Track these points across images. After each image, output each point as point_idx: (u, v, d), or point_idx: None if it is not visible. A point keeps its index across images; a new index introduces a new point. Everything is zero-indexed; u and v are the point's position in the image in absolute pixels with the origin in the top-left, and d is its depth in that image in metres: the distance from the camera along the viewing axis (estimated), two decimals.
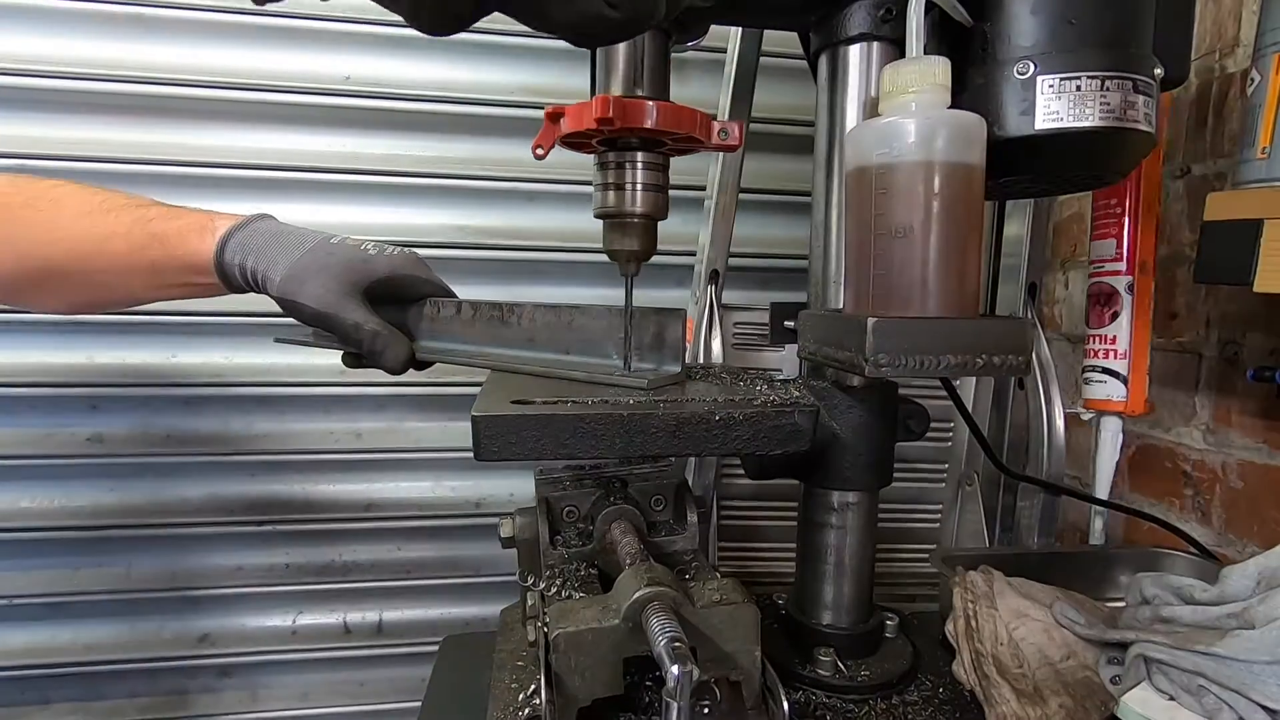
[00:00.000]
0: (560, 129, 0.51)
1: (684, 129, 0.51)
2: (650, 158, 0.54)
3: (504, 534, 0.63)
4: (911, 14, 0.47)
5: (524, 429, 0.47)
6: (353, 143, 0.98)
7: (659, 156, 0.54)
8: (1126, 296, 0.77)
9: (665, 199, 0.56)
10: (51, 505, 0.99)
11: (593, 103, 0.48)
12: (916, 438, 0.61)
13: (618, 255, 0.56)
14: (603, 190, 0.55)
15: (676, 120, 0.50)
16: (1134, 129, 0.50)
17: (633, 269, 0.57)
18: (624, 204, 0.54)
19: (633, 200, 0.54)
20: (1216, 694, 0.47)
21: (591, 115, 0.48)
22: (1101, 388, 0.79)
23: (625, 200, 0.54)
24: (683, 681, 0.38)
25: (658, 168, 0.54)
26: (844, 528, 0.60)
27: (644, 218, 0.55)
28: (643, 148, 0.53)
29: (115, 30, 0.91)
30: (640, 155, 0.53)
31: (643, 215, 0.55)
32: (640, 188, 0.54)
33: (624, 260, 0.57)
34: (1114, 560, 0.78)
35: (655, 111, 0.50)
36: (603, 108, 0.47)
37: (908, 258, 0.46)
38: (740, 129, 0.54)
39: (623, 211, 0.54)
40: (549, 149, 0.52)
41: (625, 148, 0.53)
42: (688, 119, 0.51)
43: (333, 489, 1.05)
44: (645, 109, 0.49)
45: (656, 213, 0.55)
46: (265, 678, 1.08)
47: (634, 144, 0.53)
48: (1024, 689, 0.55)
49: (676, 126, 0.50)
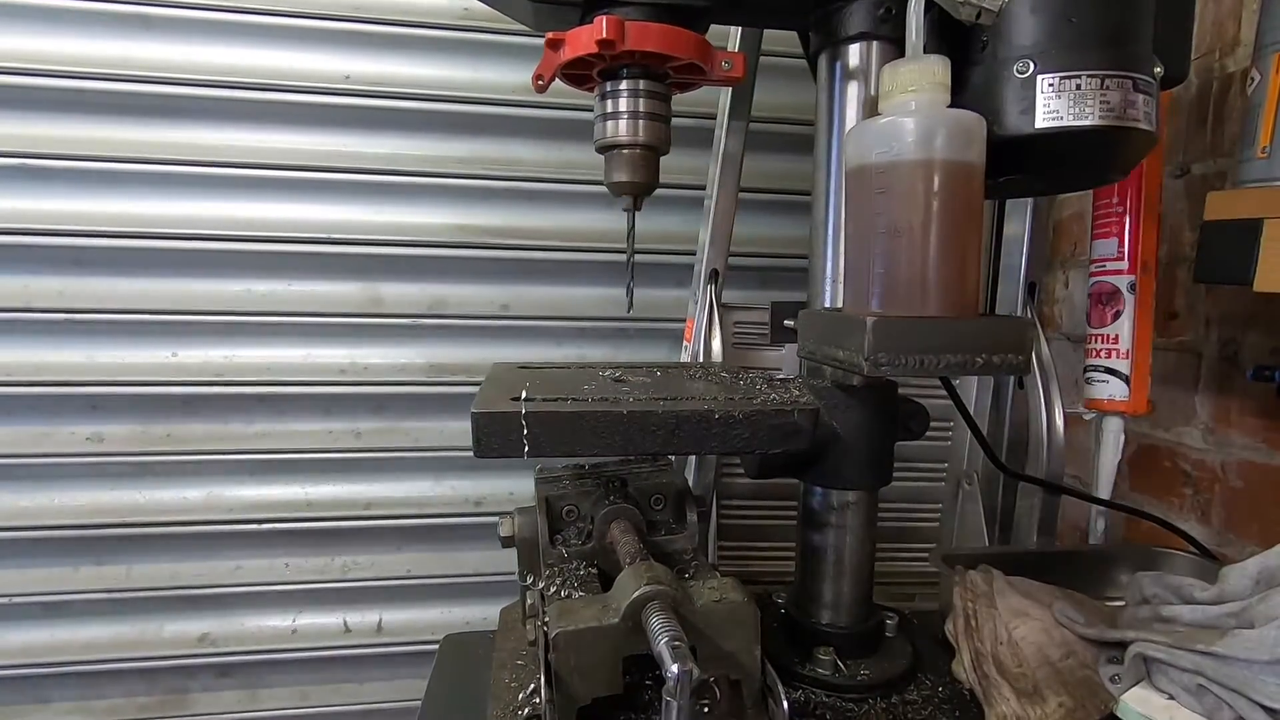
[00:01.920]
0: (561, 56, 0.49)
1: (686, 53, 0.49)
2: (652, 85, 0.52)
3: (503, 533, 0.63)
4: (911, 13, 0.47)
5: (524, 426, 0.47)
6: (353, 143, 0.98)
7: (661, 85, 0.52)
8: (1129, 296, 0.77)
9: (667, 131, 0.54)
10: (51, 504, 0.99)
11: (594, 24, 0.47)
12: (916, 437, 0.61)
13: (618, 187, 0.55)
14: (603, 120, 0.53)
15: (679, 43, 0.49)
16: (1134, 128, 0.50)
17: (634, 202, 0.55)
18: (626, 133, 0.52)
19: (634, 129, 0.52)
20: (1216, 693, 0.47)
21: (593, 37, 0.46)
22: (1104, 387, 0.79)
23: (627, 129, 0.52)
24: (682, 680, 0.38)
25: (660, 97, 0.52)
26: (844, 527, 0.60)
27: (645, 148, 0.53)
28: (645, 75, 0.51)
29: (117, 30, 0.91)
30: (642, 82, 0.51)
31: (644, 145, 0.53)
32: (642, 116, 0.52)
33: (625, 193, 0.55)
34: (1114, 559, 0.78)
35: (658, 33, 0.48)
36: (605, 29, 0.46)
37: (907, 257, 0.46)
38: (743, 61, 0.52)
39: (624, 141, 0.52)
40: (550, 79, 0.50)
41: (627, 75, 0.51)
42: (690, 43, 0.50)
43: (333, 489, 1.05)
44: (648, 30, 0.48)
45: (659, 143, 0.53)
46: (265, 677, 1.07)
47: (635, 72, 0.51)
48: (1024, 688, 0.55)
49: (679, 50, 0.49)
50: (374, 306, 1.02)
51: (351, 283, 1.01)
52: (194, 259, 0.96)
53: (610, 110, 0.52)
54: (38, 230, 0.93)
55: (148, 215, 0.95)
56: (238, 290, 0.98)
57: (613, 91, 0.52)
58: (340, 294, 1.01)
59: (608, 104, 0.52)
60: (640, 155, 0.53)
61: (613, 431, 0.48)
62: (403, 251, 1.01)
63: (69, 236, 0.93)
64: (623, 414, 0.48)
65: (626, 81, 0.51)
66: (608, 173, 0.55)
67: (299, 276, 1.00)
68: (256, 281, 0.99)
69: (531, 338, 1.06)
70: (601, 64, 0.50)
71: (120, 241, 0.94)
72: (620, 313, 1.05)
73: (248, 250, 0.97)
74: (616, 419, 0.48)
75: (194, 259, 0.96)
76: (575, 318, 1.06)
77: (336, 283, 1.01)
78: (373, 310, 1.02)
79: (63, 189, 0.93)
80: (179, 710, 1.05)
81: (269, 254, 0.98)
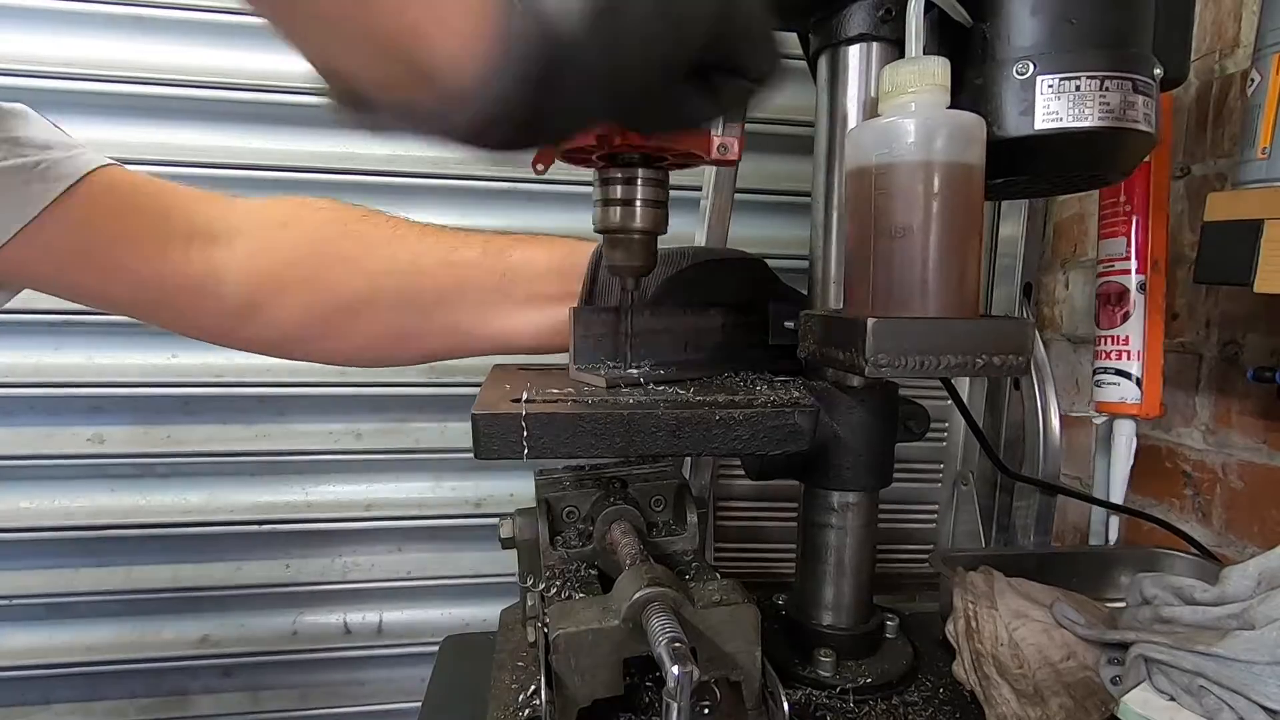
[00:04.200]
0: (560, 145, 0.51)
1: (683, 146, 0.51)
2: (651, 173, 0.53)
3: (504, 534, 0.63)
4: (911, 14, 0.47)
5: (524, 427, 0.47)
6: (352, 143, 0.98)
7: (659, 171, 0.54)
8: (1138, 296, 0.76)
9: (665, 214, 0.56)
10: (52, 506, 0.99)
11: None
12: (917, 438, 0.61)
13: (619, 271, 0.56)
14: (603, 206, 0.54)
15: (676, 137, 0.50)
16: (1133, 129, 0.50)
17: (634, 284, 0.57)
18: (625, 220, 0.54)
19: (633, 216, 0.54)
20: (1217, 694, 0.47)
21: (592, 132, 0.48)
22: (1114, 390, 0.78)
23: (626, 217, 0.54)
24: (683, 682, 0.38)
25: (658, 183, 0.54)
26: (844, 528, 0.60)
27: (644, 234, 0.55)
28: (643, 163, 0.53)
29: (115, 30, 0.91)
30: (640, 171, 0.53)
31: (643, 231, 0.55)
32: (640, 204, 0.54)
33: (625, 275, 0.57)
34: (1114, 560, 0.78)
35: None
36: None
37: (907, 258, 0.46)
38: (739, 144, 0.54)
39: (624, 228, 0.54)
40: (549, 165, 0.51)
41: (626, 163, 0.53)
42: (687, 136, 0.51)
43: (333, 489, 1.05)
44: None
45: (657, 228, 0.55)
46: (266, 678, 1.08)
47: (634, 160, 0.53)
48: (1024, 689, 0.55)
49: (676, 144, 0.50)
50: None
51: None
52: None
53: (609, 197, 0.54)
54: None
55: None
56: None
57: (611, 179, 0.54)
58: None
59: (607, 190, 0.54)
60: (639, 240, 0.55)
61: (613, 433, 0.48)
62: None
63: None
64: (623, 415, 0.48)
65: (624, 170, 0.53)
66: (608, 254, 0.57)
67: None
68: None
69: None
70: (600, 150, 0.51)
71: None
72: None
73: None
74: (617, 420, 0.48)
75: None
76: None
77: None
78: None
79: None
80: (180, 711, 1.06)
81: None
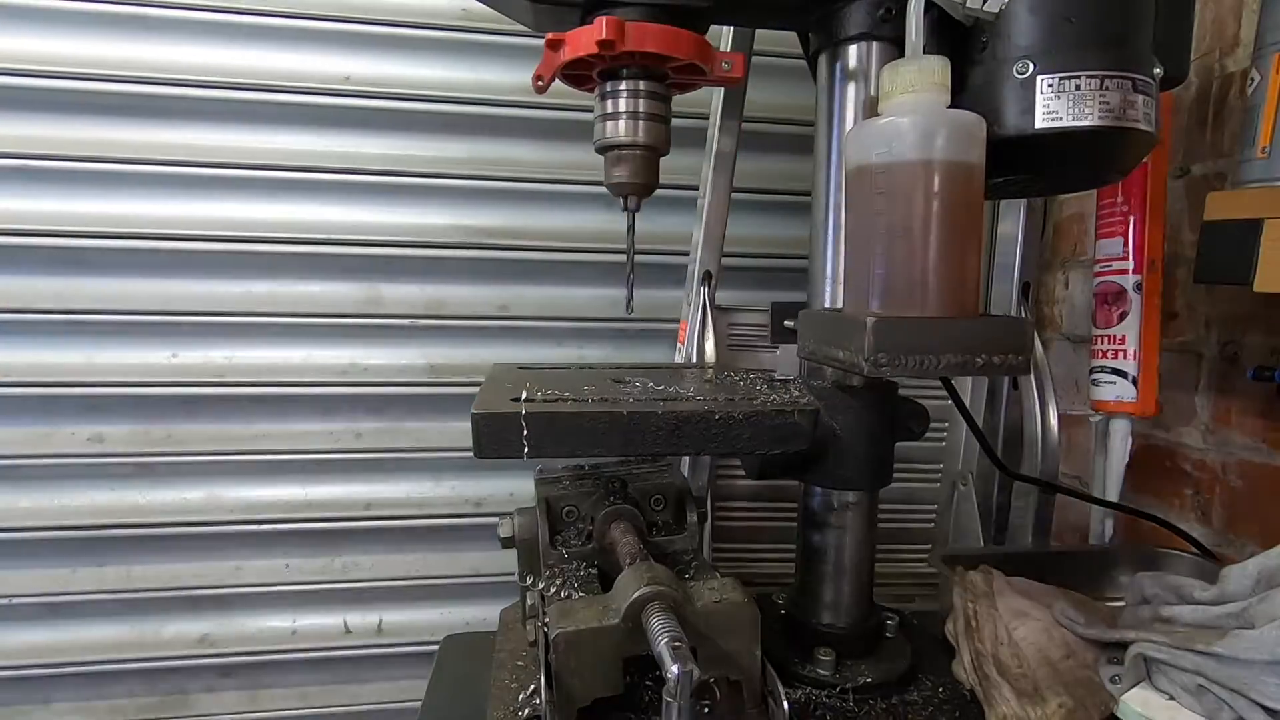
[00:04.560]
0: (561, 56, 0.49)
1: (686, 54, 0.50)
2: (652, 86, 0.52)
3: (503, 534, 0.63)
4: (911, 13, 0.47)
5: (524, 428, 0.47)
6: (353, 143, 0.98)
7: (661, 86, 0.53)
8: (1135, 295, 0.76)
9: (667, 132, 0.54)
10: (51, 505, 0.99)
11: (595, 25, 0.47)
12: (916, 438, 0.61)
13: (618, 188, 0.55)
14: (603, 121, 0.53)
15: (678, 44, 0.49)
16: (1133, 128, 0.50)
17: (634, 203, 0.55)
18: (625, 133, 0.52)
19: (633, 130, 0.52)
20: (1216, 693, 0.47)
21: (593, 38, 0.47)
22: (1111, 389, 0.78)
23: (626, 130, 0.52)
24: (683, 681, 0.38)
25: (659, 97, 0.53)
26: (844, 527, 0.60)
27: (645, 149, 0.53)
28: (644, 76, 0.52)
29: (116, 30, 0.91)
30: (642, 83, 0.51)
31: (644, 146, 0.53)
32: (642, 117, 0.52)
33: (625, 193, 0.55)
34: (1114, 560, 0.78)
35: (658, 34, 0.48)
36: (605, 29, 0.46)
37: (907, 257, 0.46)
38: (743, 61, 0.53)
39: (623, 142, 0.52)
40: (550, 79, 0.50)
41: (626, 76, 0.51)
42: (690, 44, 0.50)
43: (333, 489, 1.05)
44: (647, 31, 0.48)
45: (659, 144, 0.54)
46: (265, 678, 1.07)
47: (635, 72, 0.51)
48: (1024, 688, 0.55)
49: (679, 50, 0.49)
50: (374, 307, 1.02)
51: (351, 283, 1.01)
52: (194, 260, 0.96)
53: (610, 111, 0.53)
54: (38, 231, 0.93)
55: (148, 216, 0.95)
56: (238, 291, 0.98)
57: (612, 92, 0.52)
58: (340, 295, 1.01)
59: (607, 104, 0.53)
60: (640, 155, 0.54)
61: (613, 432, 0.48)
62: (403, 252, 1.01)
63: (69, 237, 0.93)
64: (623, 415, 0.48)
65: (626, 82, 0.52)
66: (607, 172, 0.55)
67: (299, 277, 1.00)
68: (256, 282, 0.99)
69: (531, 338, 1.06)
70: (601, 64, 0.50)
71: (120, 242, 0.94)
72: (620, 313, 1.05)
73: (248, 251, 0.97)
74: (617, 420, 0.48)
75: (194, 260, 0.96)
76: (575, 318, 1.06)
77: (336, 283, 1.00)
78: (373, 311, 1.02)
79: (63, 190, 0.93)
80: (179, 711, 1.05)
81: (269, 255, 0.98)
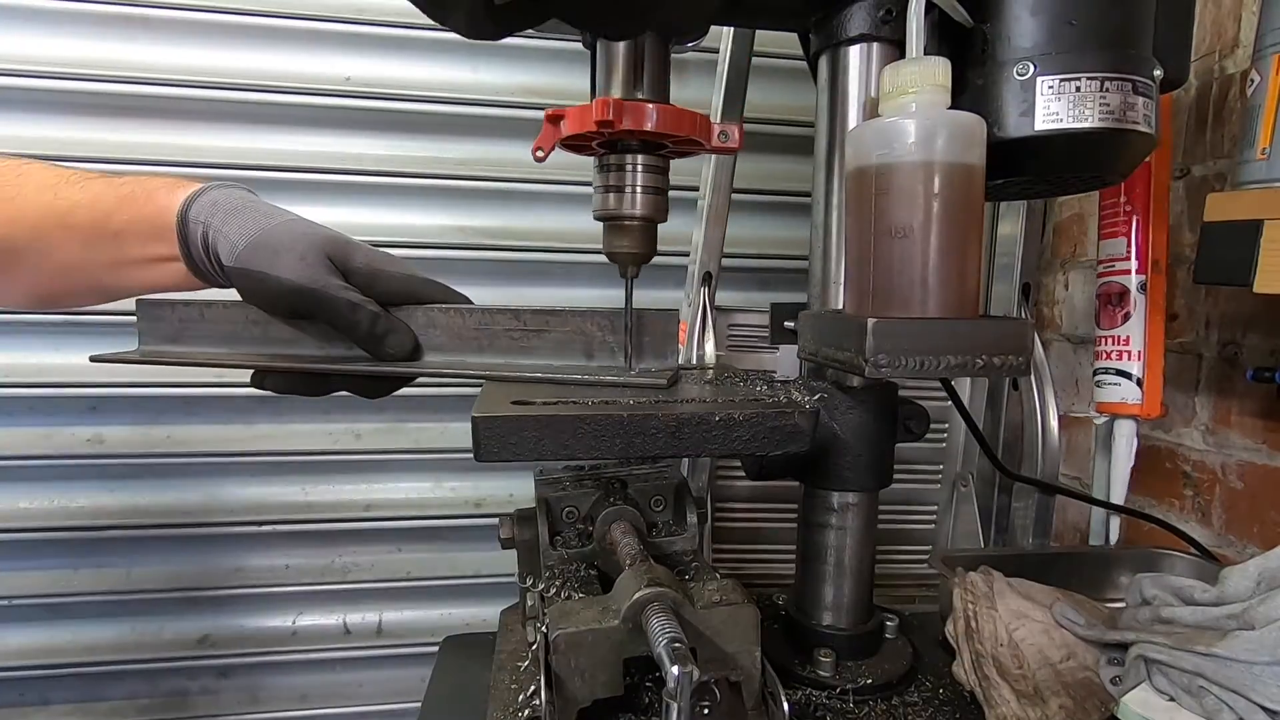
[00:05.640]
0: (560, 131, 0.51)
1: (684, 131, 0.51)
2: (650, 160, 0.54)
3: (503, 535, 0.63)
4: (911, 15, 0.47)
5: (524, 430, 0.47)
6: (353, 143, 0.98)
7: (659, 159, 0.54)
8: (1139, 296, 0.76)
9: (665, 201, 0.56)
10: (51, 506, 0.99)
11: (593, 105, 0.48)
12: (917, 439, 0.61)
13: (618, 258, 0.56)
14: (603, 192, 0.55)
15: (677, 123, 0.50)
16: (1133, 130, 0.50)
17: (633, 271, 0.57)
18: (624, 206, 0.54)
19: (632, 203, 0.54)
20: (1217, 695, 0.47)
21: (592, 118, 0.48)
22: (1115, 390, 0.78)
23: (625, 202, 0.54)
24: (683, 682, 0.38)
25: (658, 170, 0.54)
26: (844, 528, 0.60)
27: (644, 220, 0.55)
28: (643, 150, 0.53)
29: (116, 30, 0.91)
30: (640, 158, 0.53)
31: (642, 218, 0.55)
32: (640, 190, 0.54)
33: (624, 263, 0.57)
34: (1114, 561, 0.78)
35: (655, 114, 0.50)
36: (603, 110, 0.47)
37: (908, 258, 0.46)
38: (739, 131, 0.54)
39: (622, 214, 0.54)
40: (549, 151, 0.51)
41: (625, 150, 0.53)
42: (688, 122, 0.51)
43: (333, 489, 1.05)
44: (645, 111, 0.49)
45: (656, 215, 0.55)
46: (265, 679, 1.07)
47: (634, 146, 0.53)
48: (1024, 690, 0.55)
49: (676, 129, 0.51)
50: None
51: None
52: None
53: (609, 183, 0.54)
54: None
55: None
56: None
57: (612, 165, 0.54)
58: None
59: (608, 176, 0.54)
60: (639, 228, 0.55)
61: (613, 434, 0.48)
62: (402, 253, 1.00)
63: None
64: (623, 417, 0.48)
65: (625, 156, 0.53)
66: (607, 242, 0.57)
67: None
68: None
69: None
70: (600, 137, 0.51)
71: None
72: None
73: None
74: (616, 422, 0.48)
75: None
76: None
77: None
78: None
79: None
80: (179, 712, 1.06)
81: None
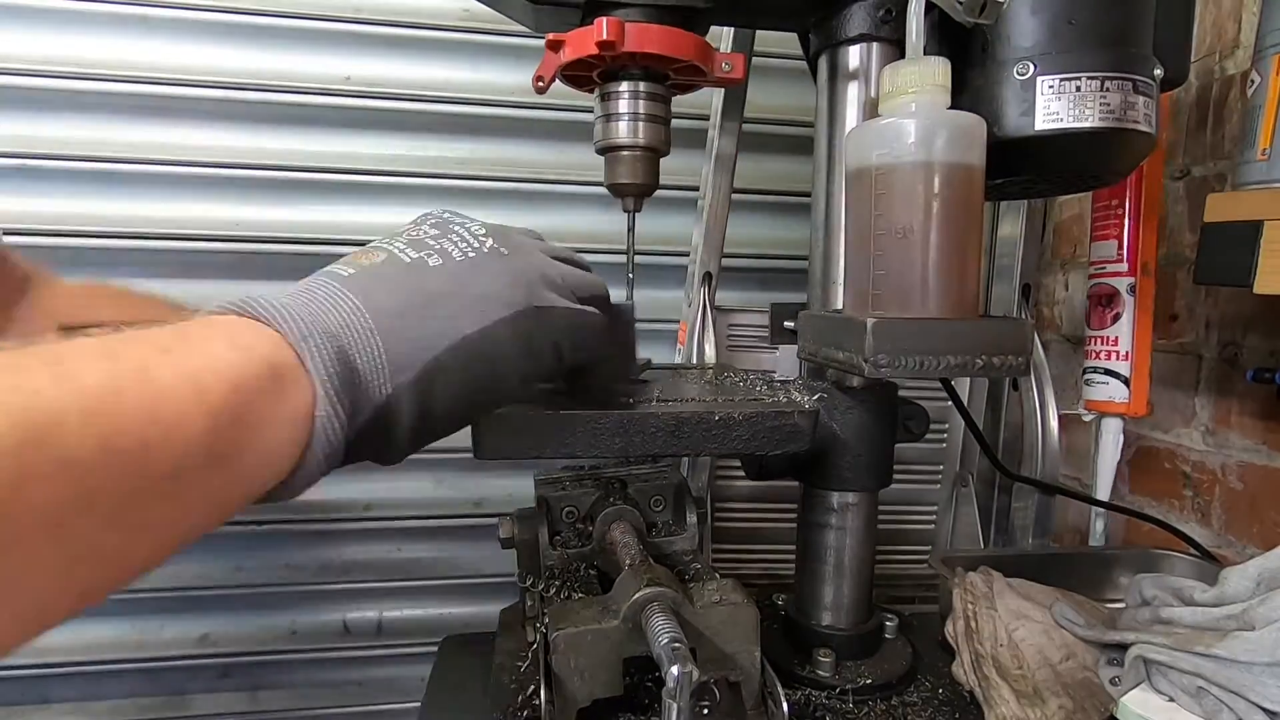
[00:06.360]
0: (561, 58, 0.49)
1: (687, 55, 0.49)
2: (652, 87, 0.52)
3: (503, 534, 0.63)
4: (911, 14, 0.47)
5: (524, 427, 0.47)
6: (353, 143, 0.98)
7: (661, 87, 0.53)
8: (1128, 298, 0.77)
9: (668, 132, 0.54)
10: None
11: (595, 26, 0.47)
12: (916, 439, 0.61)
13: (619, 189, 0.55)
14: (603, 122, 0.53)
15: (679, 45, 0.49)
16: (1134, 130, 0.50)
17: (634, 204, 0.55)
18: (625, 135, 0.52)
19: (634, 131, 0.52)
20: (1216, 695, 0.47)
21: (593, 39, 0.47)
22: (1103, 389, 0.79)
23: (627, 131, 0.52)
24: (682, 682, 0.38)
25: (660, 98, 0.52)
26: (844, 528, 0.60)
27: (646, 150, 0.53)
28: (645, 77, 0.51)
29: (116, 30, 0.91)
30: (642, 85, 0.51)
31: (645, 147, 0.53)
32: (642, 118, 0.52)
33: (625, 194, 0.55)
34: (1114, 561, 0.78)
35: (658, 35, 0.48)
36: (605, 30, 0.46)
37: (907, 258, 0.46)
38: (743, 62, 0.52)
39: (624, 143, 0.52)
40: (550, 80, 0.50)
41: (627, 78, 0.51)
42: (691, 45, 0.50)
43: (332, 489, 1.05)
44: (648, 32, 0.48)
45: (659, 145, 0.54)
46: (265, 678, 1.07)
47: (636, 74, 0.51)
48: (1024, 690, 0.55)
49: (679, 51, 0.49)
50: None
51: None
52: (194, 260, 0.96)
53: (610, 112, 0.53)
54: (38, 231, 0.92)
55: (147, 216, 0.94)
56: (238, 292, 0.97)
57: (612, 93, 0.52)
58: None
59: (608, 105, 0.53)
60: (641, 157, 0.54)
61: (612, 434, 0.48)
62: None
63: (69, 237, 0.93)
64: (622, 416, 0.48)
65: (626, 83, 0.52)
66: (608, 174, 0.55)
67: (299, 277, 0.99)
68: (257, 283, 0.99)
69: None
70: (602, 65, 0.50)
71: (120, 242, 0.94)
72: None
73: (248, 251, 0.97)
74: (616, 421, 0.48)
75: (194, 260, 0.96)
76: None
77: None
78: None
79: (63, 190, 0.93)
80: (179, 711, 1.05)
81: (269, 255, 0.98)
